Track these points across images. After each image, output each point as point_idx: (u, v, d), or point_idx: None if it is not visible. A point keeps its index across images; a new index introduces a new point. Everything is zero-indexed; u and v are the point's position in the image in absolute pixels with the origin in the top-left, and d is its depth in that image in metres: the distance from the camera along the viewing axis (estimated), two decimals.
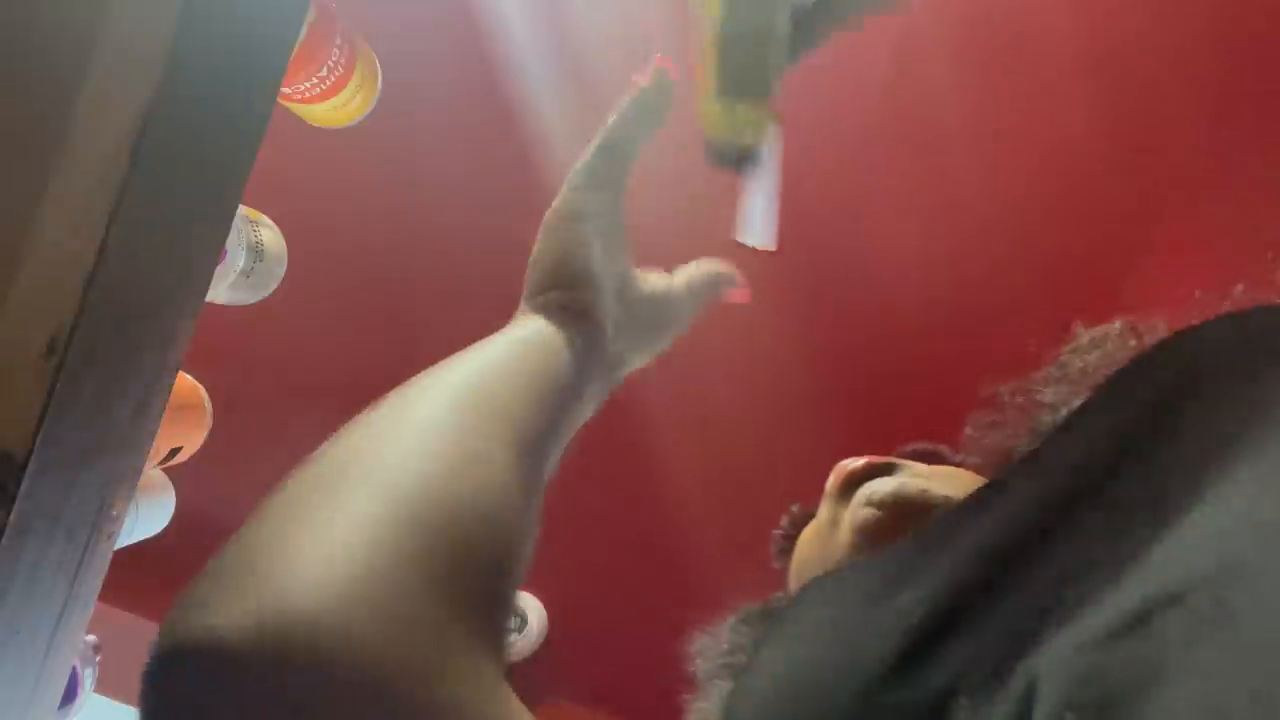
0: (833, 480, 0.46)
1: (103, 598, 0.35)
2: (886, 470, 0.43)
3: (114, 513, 0.33)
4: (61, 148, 0.26)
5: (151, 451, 0.36)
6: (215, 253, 0.35)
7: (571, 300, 0.34)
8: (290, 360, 0.93)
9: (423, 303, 0.91)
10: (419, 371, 0.27)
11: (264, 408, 0.93)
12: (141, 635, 0.87)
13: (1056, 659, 0.17)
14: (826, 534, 0.44)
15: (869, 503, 0.40)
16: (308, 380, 0.93)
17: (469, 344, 0.31)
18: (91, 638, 0.71)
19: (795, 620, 0.27)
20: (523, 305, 0.35)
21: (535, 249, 0.36)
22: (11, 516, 0.26)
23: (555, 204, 0.36)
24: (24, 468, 0.26)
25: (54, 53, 0.25)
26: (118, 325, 0.29)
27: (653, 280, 0.40)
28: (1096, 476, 0.22)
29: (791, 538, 0.50)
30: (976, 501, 0.27)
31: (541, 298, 0.35)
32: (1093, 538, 0.21)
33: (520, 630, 0.89)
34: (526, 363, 0.29)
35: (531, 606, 0.91)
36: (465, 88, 0.86)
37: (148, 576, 0.90)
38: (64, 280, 0.26)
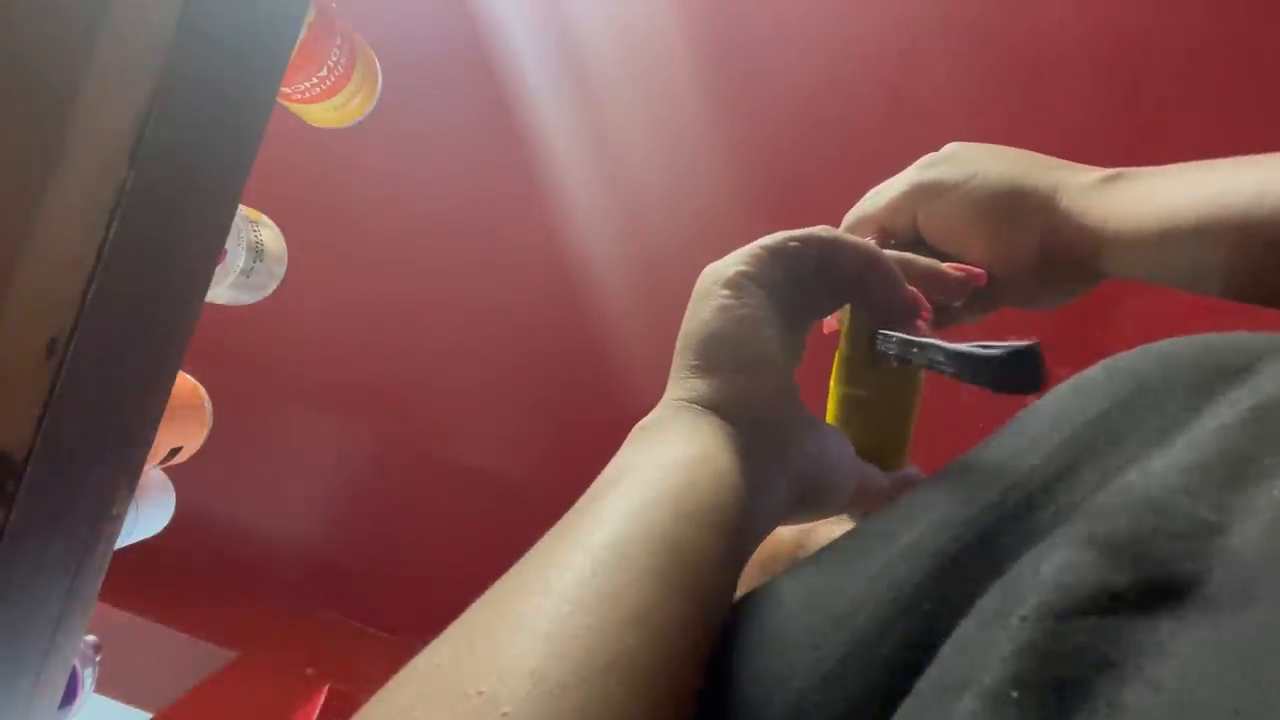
0: None
1: (103, 598, 0.35)
2: None
3: (114, 513, 0.33)
4: (61, 148, 0.26)
5: (151, 451, 0.36)
6: (215, 253, 0.35)
7: (747, 397, 0.27)
8: (290, 360, 0.93)
9: (422, 302, 0.91)
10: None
11: (264, 408, 0.93)
12: (141, 635, 0.87)
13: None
14: (811, 528, 0.44)
15: None
16: (308, 380, 0.93)
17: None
18: (91, 638, 0.71)
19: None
20: (684, 388, 0.28)
21: (700, 318, 0.28)
22: (11, 516, 0.26)
23: (730, 260, 0.29)
24: (24, 468, 0.26)
25: (54, 53, 0.25)
26: (118, 325, 0.29)
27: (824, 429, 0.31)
28: (1048, 477, 0.22)
29: None
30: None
31: (711, 383, 0.27)
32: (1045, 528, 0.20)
33: None
34: (690, 501, 0.23)
35: None
36: (465, 88, 0.86)
37: (148, 576, 0.90)
38: (64, 281, 0.26)
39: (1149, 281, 0.33)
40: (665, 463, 0.24)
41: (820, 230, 0.30)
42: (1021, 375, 0.20)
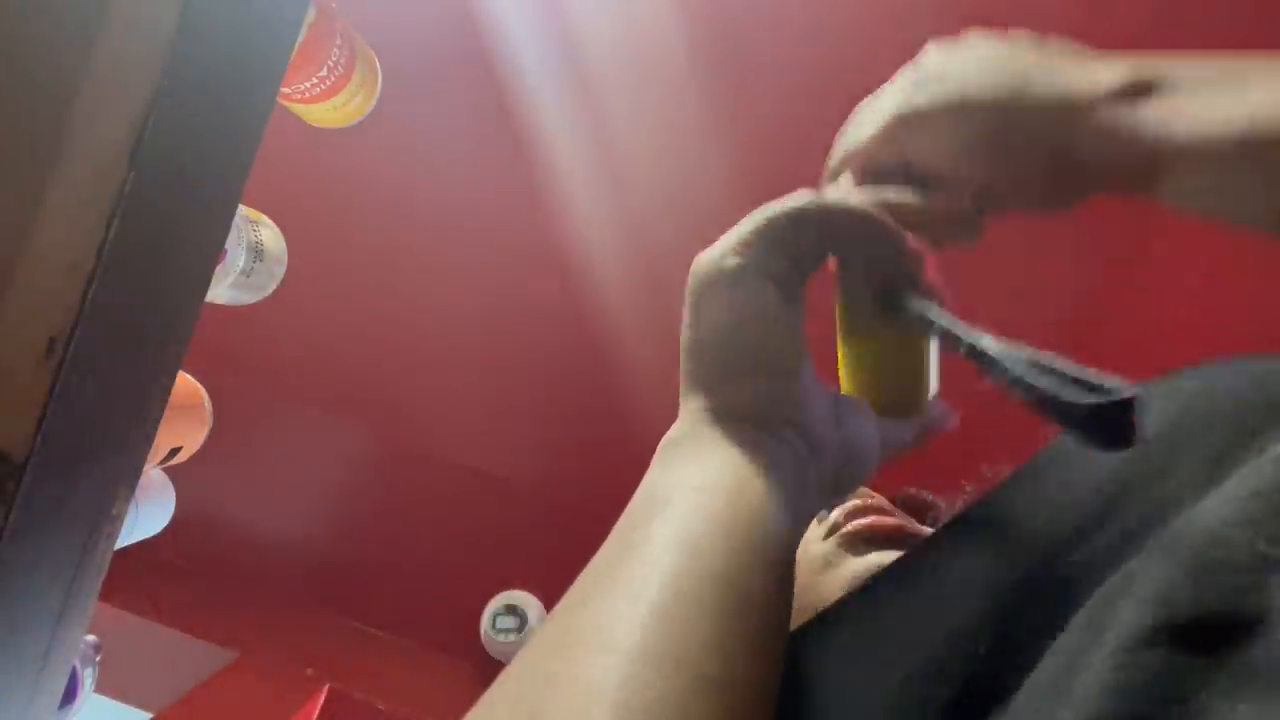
0: (843, 522, 0.41)
1: (103, 598, 0.35)
2: (898, 543, 0.39)
3: (114, 513, 0.33)
4: (61, 148, 0.26)
5: (151, 451, 0.36)
6: (215, 253, 0.35)
7: (774, 401, 0.25)
8: (290, 360, 0.93)
9: (422, 302, 0.91)
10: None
11: (264, 408, 0.93)
12: (141, 635, 0.87)
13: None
14: (819, 569, 0.42)
15: None
16: (308, 380, 0.93)
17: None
18: (91, 638, 0.71)
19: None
20: (704, 397, 0.26)
21: (709, 320, 0.26)
22: (11, 517, 0.26)
23: (721, 250, 0.27)
24: (24, 468, 0.26)
25: (53, 53, 0.25)
26: (117, 325, 0.29)
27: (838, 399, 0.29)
28: (1085, 520, 0.21)
29: None
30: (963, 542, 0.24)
31: (733, 389, 0.26)
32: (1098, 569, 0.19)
33: (520, 630, 0.89)
34: (740, 535, 0.21)
35: (531, 606, 0.91)
36: (465, 88, 0.86)
37: (148, 576, 0.90)
38: (64, 281, 0.26)
39: (1215, 213, 0.28)
40: (701, 484, 0.23)
41: (807, 203, 0.27)
42: (1114, 431, 0.18)
